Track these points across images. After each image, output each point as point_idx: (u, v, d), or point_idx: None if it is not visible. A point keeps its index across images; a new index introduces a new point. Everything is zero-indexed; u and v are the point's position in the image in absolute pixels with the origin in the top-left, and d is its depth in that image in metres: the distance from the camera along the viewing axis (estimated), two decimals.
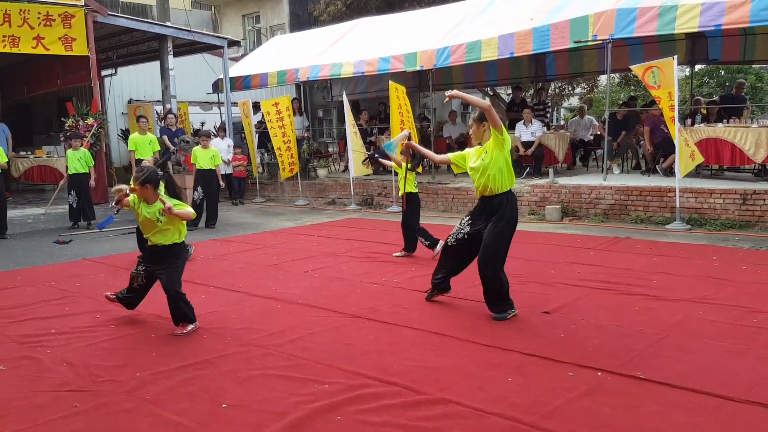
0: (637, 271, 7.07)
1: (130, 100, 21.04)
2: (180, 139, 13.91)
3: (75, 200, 11.60)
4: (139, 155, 12.83)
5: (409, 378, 4.20)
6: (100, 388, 4.22)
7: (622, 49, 14.03)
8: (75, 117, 13.52)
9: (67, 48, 13.03)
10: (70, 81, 16.30)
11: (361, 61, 14.23)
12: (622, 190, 10.68)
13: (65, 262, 8.64)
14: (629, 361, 4.39)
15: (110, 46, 17.15)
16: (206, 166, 11.49)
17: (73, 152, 11.55)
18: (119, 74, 19.81)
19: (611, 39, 10.67)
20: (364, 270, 7.62)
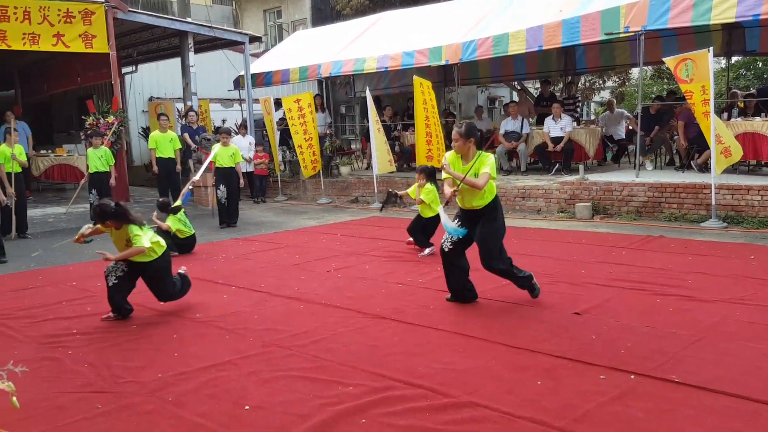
0: (672, 271, 6.98)
1: (150, 97, 21.27)
2: (201, 137, 14.02)
3: (96, 199, 11.73)
4: (160, 153, 12.96)
5: (435, 380, 4.20)
6: (122, 389, 4.26)
7: (655, 40, 13.88)
8: (95, 115, 13.69)
9: (87, 45, 13.20)
10: (90, 79, 16.51)
11: (384, 55, 14.24)
12: (655, 187, 10.57)
13: (86, 262, 8.76)
14: (663, 363, 4.34)
15: (131, 43, 17.34)
16: (227, 164, 11.57)
17: (93, 151, 11.69)
18: (140, 71, 20.04)
19: (644, 30, 10.55)
20: (388, 270, 7.63)
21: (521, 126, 13.49)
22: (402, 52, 13.88)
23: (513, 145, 13.38)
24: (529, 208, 11.86)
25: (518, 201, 12.04)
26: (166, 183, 13.10)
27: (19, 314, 6.18)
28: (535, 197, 11.84)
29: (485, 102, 27.79)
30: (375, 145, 13.47)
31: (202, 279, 7.47)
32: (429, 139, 12.77)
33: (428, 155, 12.84)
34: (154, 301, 6.42)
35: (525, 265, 7.38)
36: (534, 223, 10.87)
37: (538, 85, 20.60)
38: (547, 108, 14.00)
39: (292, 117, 14.52)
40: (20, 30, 12.40)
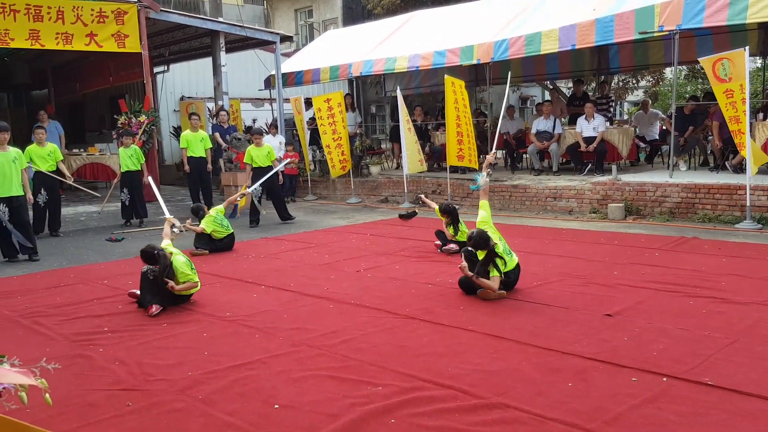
0: (705, 273, 6.90)
1: (182, 97, 21.51)
2: (232, 137, 14.15)
3: (127, 198, 11.91)
4: (191, 152, 13.09)
5: (465, 381, 4.20)
6: (152, 387, 4.32)
7: (689, 40, 13.71)
8: (127, 114, 13.89)
9: (119, 45, 13.40)
10: (122, 78, 16.74)
11: (415, 55, 14.24)
12: (689, 188, 10.43)
13: (117, 260, 8.90)
14: (696, 366, 4.30)
15: (162, 42, 17.55)
16: (263, 163, 11.70)
17: (124, 150, 11.85)
18: (171, 71, 20.28)
19: (678, 30, 10.42)
20: (418, 270, 7.63)
21: (553, 125, 13.40)
22: (433, 52, 13.87)
23: (545, 144, 13.30)
24: (560, 209, 11.78)
25: (550, 201, 11.96)
26: (197, 182, 13.22)
27: (51, 312, 6.29)
28: (566, 198, 11.76)
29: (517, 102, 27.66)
30: (405, 144, 13.48)
31: (231, 278, 7.55)
32: (460, 139, 12.74)
33: (459, 155, 12.82)
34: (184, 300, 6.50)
35: (557, 266, 7.39)
36: (566, 223, 10.79)
37: (570, 84, 20.45)
38: (580, 108, 13.88)
39: (321, 117, 14.58)
40: (53, 30, 12.60)
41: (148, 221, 12.12)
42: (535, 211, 12.00)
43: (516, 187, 12.53)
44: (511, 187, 12.58)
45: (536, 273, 7.12)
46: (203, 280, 7.49)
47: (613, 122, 14.42)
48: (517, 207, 12.37)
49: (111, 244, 10.24)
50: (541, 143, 13.35)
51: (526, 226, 10.66)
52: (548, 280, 6.86)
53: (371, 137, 20.40)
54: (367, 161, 16.26)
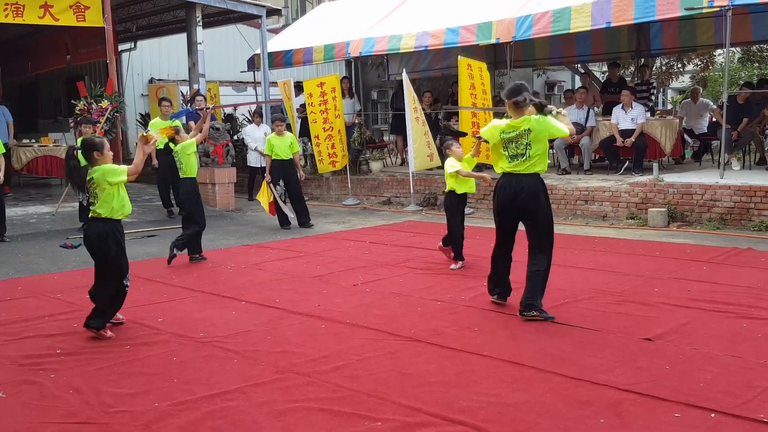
0: (761, 290, 6.88)
1: (151, 79, 21.55)
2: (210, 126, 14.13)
3: (86, 198, 11.82)
4: (161, 144, 13.05)
5: (479, 416, 4.19)
6: (112, 420, 4.30)
7: (744, 17, 13.71)
8: (87, 99, 13.88)
9: (79, 18, 13.40)
10: (82, 57, 16.79)
11: (424, 32, 14.25)
12: (743, 190, 10.43)
13: (73, 270, 8.89)
14: (750, 400, 4.29)
15: (129, 15, 17.59)
16: (286, 155, 11.72)
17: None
18: (139, 49, 20.32)
19: (731, 5, 10.41)
20: (425, 284, 7.63)
21: (586, 117, 13.40)
22: (445, 29, 13.87)
23: (575, 138, 13.29)
24: (593, 214, 11.78)
25: (580, 205, 11.96)
26: (169, 179, 13.20)
27: None
28: (600, 201, 11.75)
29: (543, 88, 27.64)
30: (412, 136, 13.47)
31: (206, 292, 7.55)
32: (476, 131, 12.72)
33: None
34: (150, 318, 6.51)
35: (588, 281, 7.39)
36: (599, 231, 10.79)
37: (605, 68, 20.48)
38: (616, 95, 13.89)
39: (312, 103, 14.58)
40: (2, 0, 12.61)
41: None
42: (563, 216, 12.00)
43: None
44: None
45: (563, 289, 7.11)
46: (171, 293, 7.52)
47: (654, 113, 14.42)
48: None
49: (66, 251, 10.24)
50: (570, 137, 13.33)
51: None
52: (577, 297, 6.84)
53: (372, 128, 20.42)
54: (367, 156, 16.27)
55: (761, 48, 21.54)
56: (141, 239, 11.08)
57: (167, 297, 7.32)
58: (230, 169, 14.34)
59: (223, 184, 14.21)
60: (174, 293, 7.48)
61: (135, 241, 10.88)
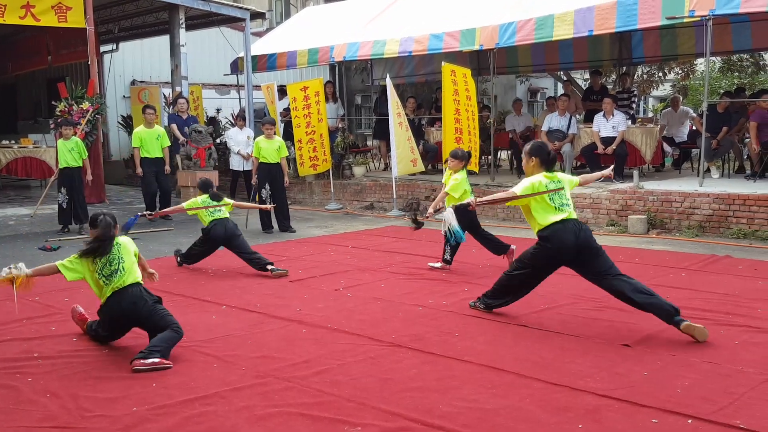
0: (739, 297, 6.95)
1: (133, 81, 21.45)
2: (191, 129, 14.10)
3: (66, 199, 11.75)
4: (146, 153, 12.93)
5: (458, 421, 4.20)
6: (90, 424, 4.27)
7: (724, 27, 13.85)
8: (68, 100, 13.81)
9: (60, 19, 13.33)
10: (63, 58, 16.68)
11: (408, 38, 14.27)
12: (721, 198, 10.51)
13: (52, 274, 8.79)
14: (726, 406, 4.33)
15: (111, 17, 17.51)
16: (274, 159, 11.68)
17: (64, 142, 11.71)
18: (121, 51, 20.22)
19: (712, 15, 10.51)
20: (407, 289, 7.63)
21: (568, 124, 13.47)
22: (429, 35, 13.91)
23: (557, 145, 13.36)
24: None
25: None
26: (154, 187, 13.13)
27: None
28: (581, 207, 11.81)
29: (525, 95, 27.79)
30: (395, 142, 13.49)
31: (186, 296, 7.52)
32: (459, 137, 12.79)
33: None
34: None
35: (568, 287, 7.41)
36: None
37: (587, 76, 20.60)
38: (598, 103, 13.97)
39: (296, 107, 14.58)
40: None
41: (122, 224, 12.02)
42: None
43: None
44: None
45: (544, 295, 7.13)
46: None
47: (635, 120, 14.52)
48: (524, 217, 12.36)
49: (45, 253, 10.16)
50: (552, 143, 13.40)
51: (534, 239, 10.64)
52: (557, 303, 6.88)
53: (355, 132, 20.42)
54: (350, 161, 16.27)
55: (741, 58, 21.76)
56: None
57: None
58: (212, 172, 14.26)
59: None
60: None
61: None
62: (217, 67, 20.85)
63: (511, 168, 15.73)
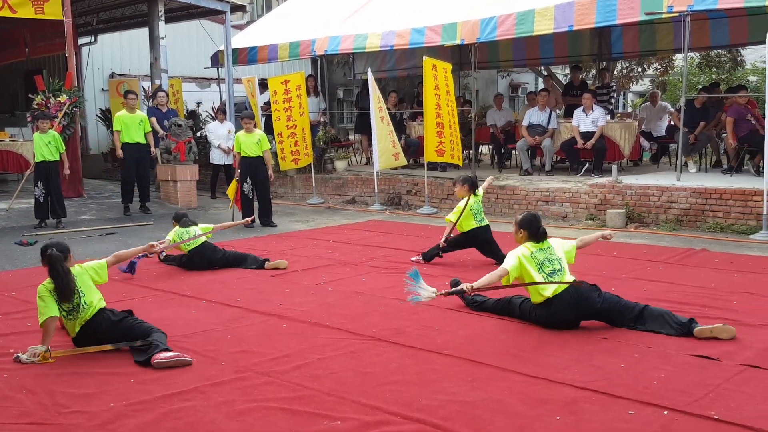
0: (715, 290, 7.03)
1: (112, 74, 21.30)
2: (171, 122, 14.03)
3: (42, 194, 11.63)
4: (127, 138, 12.87)
5: (438, 414, 4.22)
6: (66, 420, 4.26)
7: (702, 23, 13.92)
8: (45, 93, 13.68)
9: (37, 11, 13.19)
10: (40, 50, 16.51)
11: (390, 32, 14.26)
12: (698, 193, 10.60)
13: (29, 268, 8.74)
14: (702, 398, 4.38)
15: (90, 9, 17.33)
16: (253, 153, 11.65)
17: (41, 136, 11.59)
18: (100, 43, 20.03)
19: (690, 11, 10.56)
20: (388, 283, 7.64)
21: (548, 119, 13.52)
22: (410, 29, 13.89)
23: (537, 140, 13.42)
24: (553, 214, 11.89)
25: (541, 205, 12.07)
26: (133, 175, 13.07)
27: None
28: (560, 201, 11.87)
29: (507, 90, 27.85)
30: (377, 136, 13.48)
31: (166, 291, 7.50)
32: (440, 131, 12.80)
33: (439, 149, 12.88)
34: None
35: None
36: (559, 231, 10.87)
37: (567, 71, 20.66)
38: (577, 98, 14.04)
39: (276, 101, 14.52)
40: None
41: (68, 221, 11.95)
42: None
43: (503, 188, 12.62)
44: (498, 188, 12.66)
45: (522, 289, 7.16)
46: (130, 292, 7.44)
47: (614, 115, 14.60)
48: (504, 211, 12.45)
49: (21, 248, 10.09)
50: (532, 138, 13.46)
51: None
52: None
53: (337, 127, 20.39)
54: (332, 155, 16.25)
55: (719, 53, 21.90)
56: (99, 236, 10.95)
57: (126, 296, 7.23)
58: (192, 166, 14.22)
59: (185, 182, 14.07)
60: (133, 292, 7.42)
61: (93, 239, 10.77)
62: (197, 60, 20.73)
63: (492, 162, 15.76)
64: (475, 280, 6.07)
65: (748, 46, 17.13)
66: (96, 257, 9.11)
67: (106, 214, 12.99)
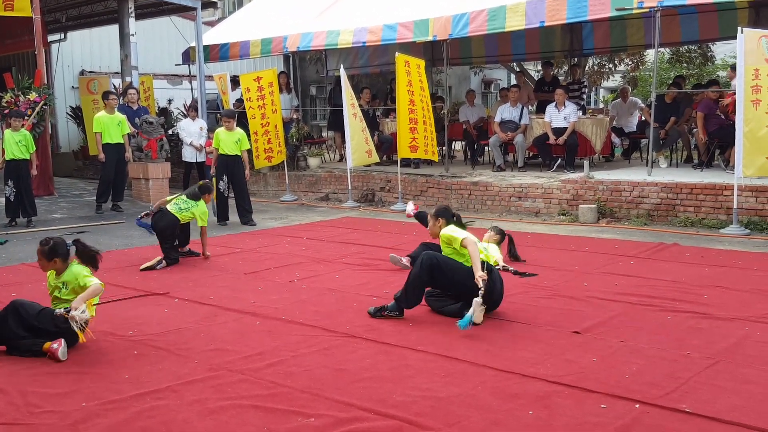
0: (686, 284, 7.09)
1: (82, 71, 21.10)
2: (143, 120, 13.93)
3: (12, 192, 11.54)
4: (107, 138, 12.82)
5: (411, 410, 4.23)
6: (38, 420, 4.22)
7: (672, 18, 14.05)
8: (14, 91, 13.54)
9: (6, 7, 13.04)
10: (8, 48, 16.33)
11: (362, 28, 14.25)
12: (669, 188, 10.70)
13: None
14: (673, 391, 4.42)
15: (59, 5, 17.18)
16: (232, 151, 11.62)
17: (12, 134, 11.49)
18: (70, 40, 19.86)
19: (660, 6, 10.67)
20: (362, 280, 7.65)
21: (520, 114, 13.57)
22: (382, 25, 13.90)
23: (509, 136, 13.47)
24: (526, 210, 11.95)
25: (514, 201, 12.12)
26: (112, 174, 12.99)
27: None
28: (533, 197, 11.93)
29: (479, 86, 27.92)
30: (350, 133, 13.47)
31: (137, 288, 7.44)
32: (413, 127, 12.82)
33: (412, 145, 12.89)
34: None
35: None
36: (531, 227, 10.95)
37: (539, 67, 20.77)
38: (550, 94, 14.11)
39: (250, 98, 14.46)
40: None
41: (38, 220, 11.83)
42: (497, 212, 12.16)
43: (476, 184, 12.66)
44: (471, 184, 12.70)
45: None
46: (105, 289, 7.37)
47: (586, 111, 14.70)
48: (477, 207, 12.50)
49: None
50: (505, 134, 13.50)
51: (487, 229, 10.74)
52: (509, 291, 6.89)
53: (310, 123, 20.33)
54: (305, 152, 16.21)
55: (690, 49, 22.09)
56: (70, 235, 10.82)
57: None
58: (164, 164, 14.12)
59: (157, 180, 13.98)
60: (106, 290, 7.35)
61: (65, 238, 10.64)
62: (168, 57, 20.61)
63: (465, 159, 15.82)
64: None
65: (718, 41, 17.34)
66: None
67: (77, 213, 12.88)
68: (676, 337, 5.46)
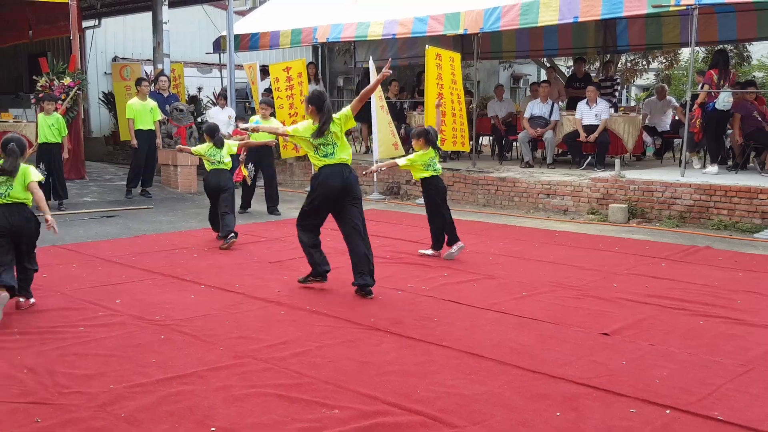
0: (718, 289, 6.98)
1: (115, 57, 21.23)
2: (173, 107, 13.99)
3: (44, 175, 11.66)
4: (140, 125, 12.88)
5: (435, 406, 4.19)
6: (66, 401, 4.24)
7: (710, 17, 13.85)
8: (49, 75, 13.64)
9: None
10: (44, 32, 16.44)
11: (392, 20, 14.19)
12: (703, 189, 10.56)
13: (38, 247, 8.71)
14: (705, 397, 4.34)
15: None
16: (263, 139, 11.63)
17: (45, 117, 11.62)
18: (104, 27, 20.01)
19: (698, 4, 10.51)
20: (387, 273, 7.60)
21: (551, 110, 13.46)
22: (413, 18, 13.83)
23: (539, 132, 13.36)
24: (554, 208, 11.85)
25: (542, 198, 12.02)
26: (143, 160, 13.07)
27: None
28: (561, 195, 11.83)
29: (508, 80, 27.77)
30: (377, 125, 13.44)
31: (165, 274, 7.46)
32: (442, 120, 12.73)
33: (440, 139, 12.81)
34: (107, 299, 6.41)
35: (547, 275, 7.42)
36: (560, 225, 10.85)
37: (570, 63, 20.60)
38: (581, 90, 13.98)
39: (278, 88, 14.49)
40: None
41: (69, 203, 11.92)
42: (525, 209, 12.07)
43: (503, 180, 12.57)
44: (498, 179, 12.62)
45: (523, 282, 7.14)
46: (130, 274, 7.42)
47: (618, 109, 14.54)
48: (504, 203, 12.41)
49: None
50: (534, 130, 13.40)
51: (514, 226, 10.70)
52: (537, 290, 6.88)
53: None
54: None
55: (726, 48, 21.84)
56: (100, 219, 10.92)
57: (125, 278, 7.22)
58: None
59: (186, 166, 14.05)
60: (132, 275, 7.39)
61: (94, 221, 10.75)
62: (199, 46, 20.68)
63: (493, 154, 15.73)
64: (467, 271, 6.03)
65: (756, 42, 17.09)
66: (97, 239, 9.19)
67: (107, 197, 12.95)
68: (708, 342, 5.37)
